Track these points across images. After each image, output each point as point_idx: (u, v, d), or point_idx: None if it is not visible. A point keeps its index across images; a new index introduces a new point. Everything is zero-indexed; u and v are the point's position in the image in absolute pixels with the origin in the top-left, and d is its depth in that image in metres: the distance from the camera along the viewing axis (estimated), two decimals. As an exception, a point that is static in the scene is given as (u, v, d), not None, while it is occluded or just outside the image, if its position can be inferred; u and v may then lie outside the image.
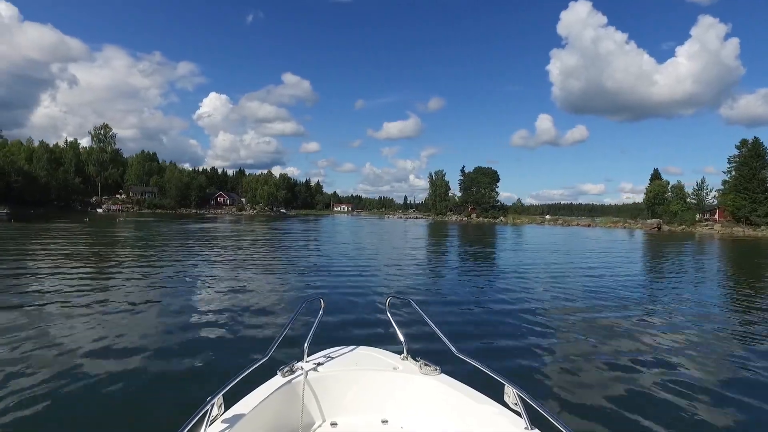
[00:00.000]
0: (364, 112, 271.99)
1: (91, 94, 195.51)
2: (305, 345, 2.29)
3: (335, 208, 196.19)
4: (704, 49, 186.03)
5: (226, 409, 1.75)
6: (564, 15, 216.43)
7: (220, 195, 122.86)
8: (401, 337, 2.44)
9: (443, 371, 2.19)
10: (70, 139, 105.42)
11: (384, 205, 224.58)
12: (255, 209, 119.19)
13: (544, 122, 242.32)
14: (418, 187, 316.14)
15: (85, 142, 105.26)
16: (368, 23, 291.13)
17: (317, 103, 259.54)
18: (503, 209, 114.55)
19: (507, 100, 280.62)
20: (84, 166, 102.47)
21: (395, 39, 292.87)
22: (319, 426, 2.09)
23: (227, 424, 1.64)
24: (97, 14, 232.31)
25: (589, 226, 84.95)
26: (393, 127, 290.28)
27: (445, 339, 2.20)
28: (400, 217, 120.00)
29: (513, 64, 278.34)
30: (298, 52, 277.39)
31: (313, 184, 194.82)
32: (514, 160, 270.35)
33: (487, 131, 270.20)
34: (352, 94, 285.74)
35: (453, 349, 2.15)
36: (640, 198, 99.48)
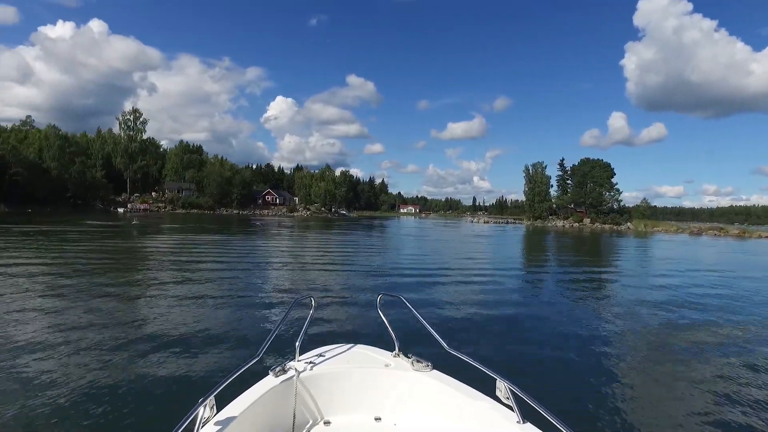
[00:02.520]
0: (427, 113, 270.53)
1: (168, 100, 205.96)
2: (297, 344, 2.24)
3: (401, 210, 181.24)
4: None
5: (218, 411, 1.73)
6: (642, 5, 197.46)
7: (269, 193, 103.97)
8: (393, 335, 2.40)
9: (435, 367, 2.19)
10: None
11: (451, 207, 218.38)
12: (309, 210, 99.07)
13: (617, 121, 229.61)
14: (483, 189, 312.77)
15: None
16: (432, 23, 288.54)
17: (381, 105, 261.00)
18: (626, 213, 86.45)
19: (577, 98, 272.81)
20: (112, 159, 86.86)
21: (460, 38, 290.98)
22: (313, 425, 2.08)
23: (219, 426, 1.62)
24: (172, 24, 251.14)
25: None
26: (457, 128, 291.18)
27: (436, 335, 2.19)
28: (487, 222, 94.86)
29: (584, 61, 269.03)
30: (362, 53, 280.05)
31: (377, 183, 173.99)
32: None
33: (555, 131, 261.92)
34: (416, 94, 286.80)
35: (445, 345, 2.14)
36: (726, 201, 78.77)
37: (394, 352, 2.37)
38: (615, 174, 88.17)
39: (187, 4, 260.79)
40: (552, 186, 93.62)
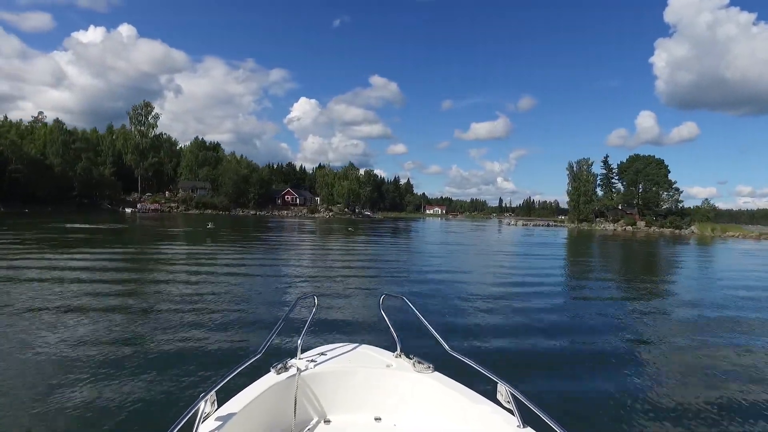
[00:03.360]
0: (451, 113, 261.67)
1: (193, 102, 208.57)
2: (299, 342, 2.24)
3: (427, 211, 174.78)
4: None
5: (219, 406, 1.73)
6: (673, 0, 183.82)
7: (288, 192, 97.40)
8: (395, 335, 2.40)
9: (436, 369, 2.17)
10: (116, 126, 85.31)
11: (476, 208, 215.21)
12: (331, 211, 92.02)
13: (646, 120, 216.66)
14: (507, 190, 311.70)
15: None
16: (456, 22, 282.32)
17: (404, 105, 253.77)
18: (687, 215, 76.55)
19: (604, 97, 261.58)
20: (123, 156, 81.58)
21: (484, 37, 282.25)
22: (313, 423, 2.08)
23: (220, 422, 1.63)
24: (198, 27, 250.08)
25: None
26: (481, 128, 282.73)
27: (438, 337, 2.18)
28: (525, 224, 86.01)
29: (611, 59, 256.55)
30: (385, 53, 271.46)
31: (402, 183, 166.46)
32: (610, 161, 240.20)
33: (581, 131, 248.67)
34: (440, 94, 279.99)
35: (446, 347, 2.12)
36: (763, 203, 69.94)
37: (395, 353, 2.34)
38: (670, 172, 78.74)
39: (212, 7, 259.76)
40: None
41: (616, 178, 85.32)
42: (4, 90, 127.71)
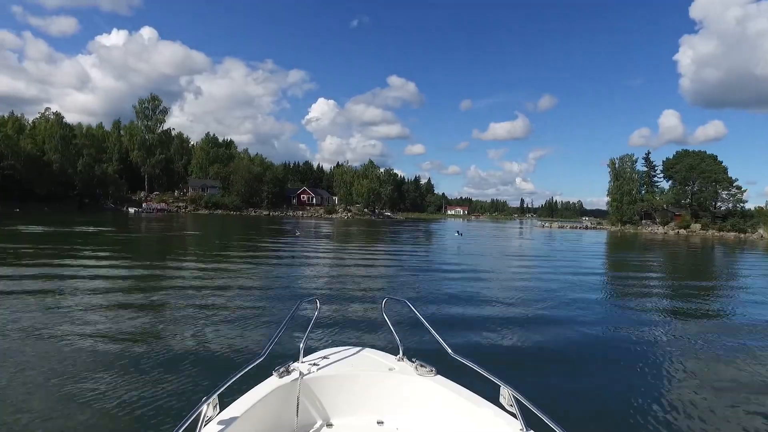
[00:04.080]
0: (470, 113, 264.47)
1: (213, 104, 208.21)
2: (301, 345, 2.23)
3: (449, 211, 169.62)
4: None
5: (221, 410, 1.73)
6: None
7: (304, 192, 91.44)
8: (397, 338, 2.39)
9: (439, 372, 2.17)
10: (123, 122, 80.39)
11: (497, 208, 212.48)
12: (350, 211, 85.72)
13: (670, 119, 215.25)
14: (526, 191, 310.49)
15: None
16: (475, 21, 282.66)
17: (422, 105, 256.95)
18: (750, 216, 67.98)
19: (626, 95, 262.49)
20: (129, 152, 76.68)
21: (504, 35, 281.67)
22: (315, 427, 2.07)
23: (222, 426, 1.63)
24: (218, 29, 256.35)
25: None
26: (500, 128, 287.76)
27: (440, 340, 2.16)
28: (562, 226, 78.31)
29: (634, 57, 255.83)
30: (404, 53, 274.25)
31: (423, 182, 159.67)
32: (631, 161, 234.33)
33: (602, 130, 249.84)
34: (458, 94, 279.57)
35: (449, 350, 2.11)
36: None
37: (398, 356, 2.33)
38: (727, 170, 70.29)
39: (231, 9, 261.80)
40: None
41: (660, 176, 77.34)
42: (33, 93, 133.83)
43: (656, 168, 78.67)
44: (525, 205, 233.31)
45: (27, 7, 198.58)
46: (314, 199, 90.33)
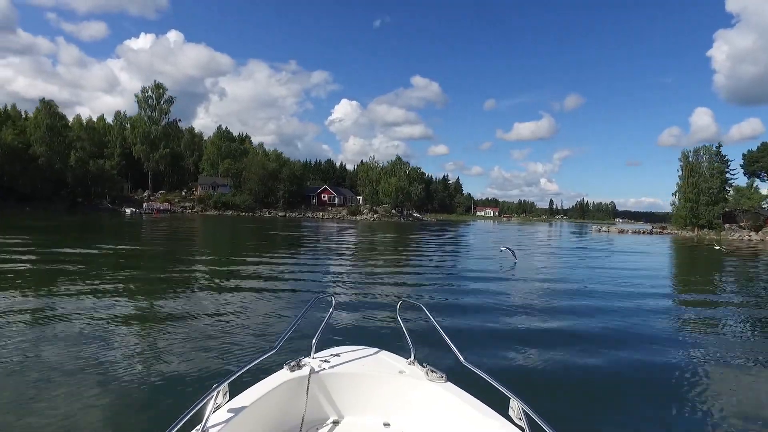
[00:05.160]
0: (494, 113, 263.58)
1: (237, 105, 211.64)
2: (313, 341, 2.26)
3: (478, 212, 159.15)
4: None
5: (230, 398, 1.77)
6: None
7: (325, 191, 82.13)
8: (409, 342, 2.37)
9: (449, 379, 2.14)
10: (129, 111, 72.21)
11: (524, 210, 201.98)
12: (376, 212, 76.06)
13: (702, 117, 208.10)
14: (550, 192, 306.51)
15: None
16: (499, 19, 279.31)
17: (446, 105, 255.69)
18: None
19: (655, 94, 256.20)
20: (132, 147, 68.75)
21: (530, 33, 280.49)
22: (322, 423, 2.08)
23: (231, 414, 1.66)
24: (242, 30, 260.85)
25: None
26: (524, 128, 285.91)
27: (453, 347, 2.15)
28: (622, 231, 66.90)
29: (664, 53, 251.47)
30: (427, 53, 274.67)
31: (451, 182, 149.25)
32: (660, 161, 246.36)
33: (630, 130, 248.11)
34: (482, 94, 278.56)
35: (461, 357, 2.08)
36: None
37: (409, 360, 2.31)
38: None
39: (255, 11, 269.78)
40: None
41: (734, 171, 65.76)
42: (65, 97, 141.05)
43: (729, 163, 67.21)
44: (554, 207, 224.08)
45: (60, 13, 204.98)
46: (336, 198, 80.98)
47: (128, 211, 55.98)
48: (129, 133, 68.33)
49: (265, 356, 1.96)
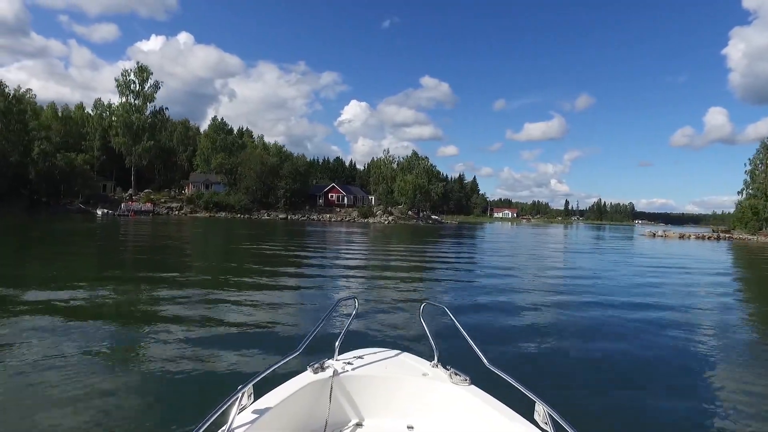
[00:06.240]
0: (504, 114, 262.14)
1: (247, 106, 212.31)
2: (337, 343, 2.24)
3: (495, 214, 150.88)
4: None
5: (255, 399, 1.78)
6: None
7: (333, 189, 72.85)
8: (433, 344, 2.35)
9: (473, 382, 2.11)
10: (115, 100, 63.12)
11: (538, 210, 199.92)
12: (391, 214, 66.65)
13: (716, 116, 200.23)
14: (560, 193, 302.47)
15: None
16: (509, 19, 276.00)
17: (456, 106, 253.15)
18: None
19: (668, 93, 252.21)
20: (112, 138, 60.09)
21: (541, 32, 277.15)
22: (345, 425, 2.07)
23: (256, 415, 1.68)
24: (252, 31, 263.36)
25: None
26: (534, 129, 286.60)
27: (477, 350, 2.10)
28: (683, 236, 57.03)
29: (677, 51, 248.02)
30: (436, 53, 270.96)
31: (467, 181, 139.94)
32: (672, 162, 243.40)
33: (641, 130, 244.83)
34: (492, 94, 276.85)
35: (485, 360, 2.04)
36: None
37: (432, 362, 2.29)
38: None
39: (264, 12, 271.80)
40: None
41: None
42: (77, 99, 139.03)
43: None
44: (570, 207, 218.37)
45: (72, 16, 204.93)
46: (346, 198, 71.77)
47: (100, 212, 47.37)
48: (108, 123, 59.56)
49: (288, 358, 1.94)
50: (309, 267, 14.15)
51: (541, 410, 1.66)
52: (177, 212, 55.97)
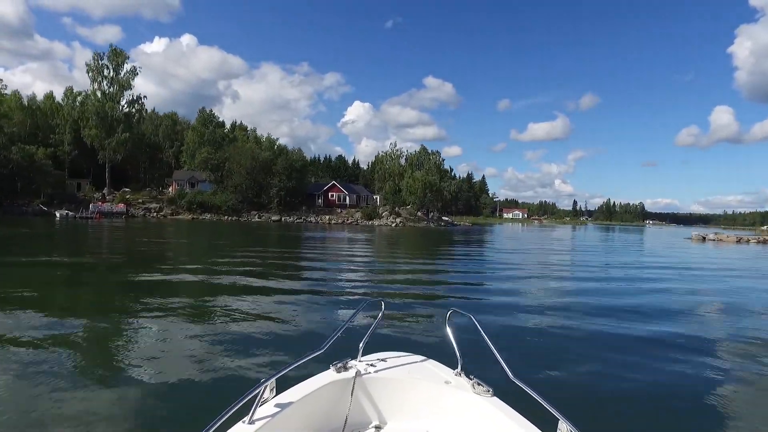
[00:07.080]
0: (507, 114, 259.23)
1: (250, 108, 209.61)
2: (361, 344, 2.24)
3: (505, 214, 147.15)
4: None
5: (277, 393, 1.80)
6: None
7: (334, 188, 65.63)
8: (457, 353, 2.30)
9: (496, 394, 2.07)
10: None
11: (546, 211, 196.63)
12: (399, 215, 59.43)
13: (722, 115, 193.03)
14: (564, 193, 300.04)
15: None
16: (513, 18, 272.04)
17: (460, 106, 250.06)
18: None
19: (673, 92, 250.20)
20: (82, 130, 53.03)
21: (544, 33, 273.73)
22: (364, 426, 2.07)
23: (278, 409, 1.70)
24: (255, 33, 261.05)
25: None
26: (538, 129, 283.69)
27: (502, 361, 2.07)
28: (741, 239, 49.61)
29: (682, 50, 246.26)
30: (440, 54, 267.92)
31: (476, 181, 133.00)
32: (677, 161, 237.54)
33: (646, 129, 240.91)
34: (496, 94, 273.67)
35: (509, 373, 2.01)
36: None
37: (456, 371, 2.26)
38: None
39: (267, 13, 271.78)
40: None
41: None
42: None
43: None
44: (578, 208, 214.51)
45: (76, 18, 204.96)
46: (348, 198, 64.55)
47: (58, 214, 40.38)
48: (79, 113, 52.49)
49: (312, 355, 1.95)
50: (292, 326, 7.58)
51: (564, 428, 1.61)
52: (155, 214, 49.02)
